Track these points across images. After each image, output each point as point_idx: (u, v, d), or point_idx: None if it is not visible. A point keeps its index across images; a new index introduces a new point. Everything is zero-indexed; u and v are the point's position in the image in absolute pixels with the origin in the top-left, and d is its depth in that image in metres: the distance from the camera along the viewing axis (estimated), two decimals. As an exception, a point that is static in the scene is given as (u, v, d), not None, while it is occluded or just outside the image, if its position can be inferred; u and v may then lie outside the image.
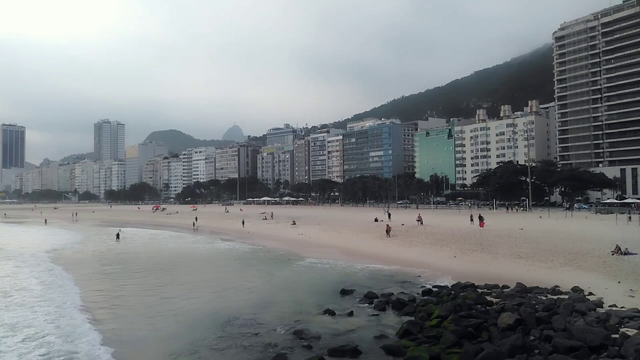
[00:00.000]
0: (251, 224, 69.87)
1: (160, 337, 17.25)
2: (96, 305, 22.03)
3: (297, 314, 19.83)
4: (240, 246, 47.85)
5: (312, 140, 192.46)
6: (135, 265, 35.63)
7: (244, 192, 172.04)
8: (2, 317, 20.09)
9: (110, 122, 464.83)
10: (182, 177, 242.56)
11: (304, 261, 35.21)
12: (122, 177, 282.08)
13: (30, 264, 36.27)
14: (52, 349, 15.79)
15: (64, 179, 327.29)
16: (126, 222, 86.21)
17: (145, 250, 46.45)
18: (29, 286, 27.01)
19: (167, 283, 27.99)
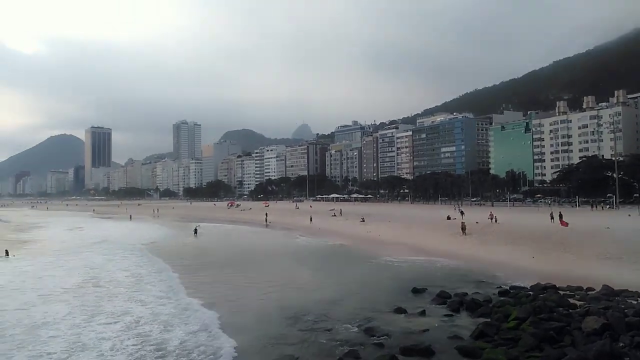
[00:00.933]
0: (320, 220, 70.58)
1: (236, 329, 17.96)
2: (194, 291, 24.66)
3: (368, 311, 19.83)
4: (310, 242, 48.58)
5: (381, 137, 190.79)
6: (211, 259, 37.32)
7: (313, 189, 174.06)
8: (136, 295, 24.07)
9: (187, 123, 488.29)
10: (254, 175, 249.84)
11: (374, 258, 35.09)
12: (199, 175, 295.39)
13: (136, 255, 40.07)
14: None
15: (146, 177, 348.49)
16: (203, 218, 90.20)
17: (221, 244, 48.50)
18: (144, 273, 31.10)
19: (240, 276, 29.04)
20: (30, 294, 24.59)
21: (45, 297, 23.63)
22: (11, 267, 33.63)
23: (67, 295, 24.11)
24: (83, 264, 35.04)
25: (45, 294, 24.49)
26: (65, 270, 32.31)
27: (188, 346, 16.00)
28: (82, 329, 17.96)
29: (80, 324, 18.76)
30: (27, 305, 21.95)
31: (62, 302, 22.67)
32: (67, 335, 17.31)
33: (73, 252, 43.10)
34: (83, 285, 26.79)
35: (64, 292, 25.04)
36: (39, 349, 15.81)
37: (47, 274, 30.89)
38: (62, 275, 30.22)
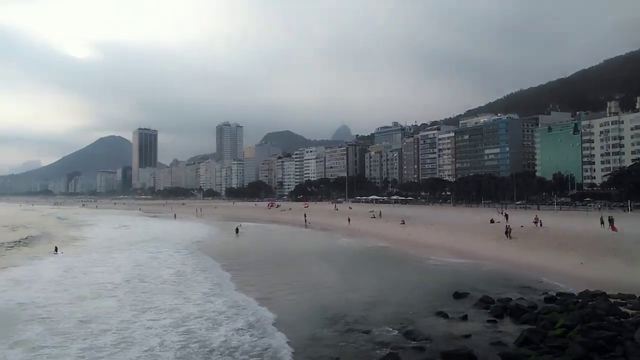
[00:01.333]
0: (360, 222, 70.42)
1: (283, 327, 18.21)
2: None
3: (408, 314, 19.66)
4: (350, 243, 48.53)
5: (422, 138, 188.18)
6: (253, 258, 37.92)
7: (352, 191, 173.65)
8: (186, 291, 25.24)
9: (230, 125, 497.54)
10: (294, 176, 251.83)
11: (415, 261, 34.73)
12: (240, 176, 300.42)
13: (183, 253, 41.46)
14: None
15: (190, 177, 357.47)
16: (244, 218, 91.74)
17: (262, 244, 49.15)
18: (192, 269, 32.49)
19: (280, 275, 29.39)
20: (81, 288, 25.70)
21: (96, 292, 24.70)
22: (61, 263, 35.14)
23: (117, 291, 25.13)
24: (132, 261, 36.43)
25: (95, 289, 25.60)
26: (115, 267, 33.62)
27: (241, 340, 16.56)
28: (131, 324, 18.65)
29: (130, 319, 19.49)
30: (78, 300, 22.96)
31: (112, 297, 23.67)
32: (116, 329, 18.00)
33: (122, 249, 44.93)
34: (132, 281, 27.88)
35: (114, 287, 26.11)
36: (90, 343, 16.50)
37: (96, 269, 32.24)
38: (112, 271, 31.48)
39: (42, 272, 31.07)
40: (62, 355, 15.24)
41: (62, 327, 18.30)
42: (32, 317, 19.56)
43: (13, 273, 30.60)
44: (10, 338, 16.86)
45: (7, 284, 27.00)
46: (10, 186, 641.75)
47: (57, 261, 36.25)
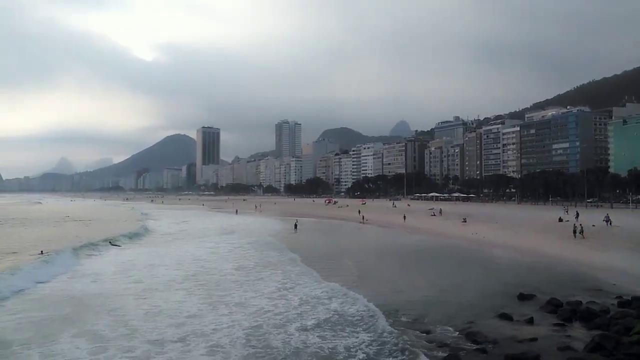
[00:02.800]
0: (419, 219, 69.32)
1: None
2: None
3: (469, 315, 19.10)
4: (409, 240, 47.87)
5: (485, 133, 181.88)
6: (310, 253, 38.21)
7: (411, 188, 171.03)
8: (259, 284, 25.83)
9: (288, 122, 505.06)
10: (351, 172, 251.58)
11: (477, 260, 33.72)
12: (299, 172, 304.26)
13: (254, 245, 42.99)
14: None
15: (251, 174, 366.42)
16: (302, 214, 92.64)
17: (320, 239, 49.45)
18: (270, 262, 33.60)
19: (338, 272, 29.44)
20: (148, 281, 26.66)
21: (166, 285, 25.57)
22: (129, 255, 36.79)
23: (187, 283, 25.83)
24: (202, 253, 37.81)
25: (164, 281, 26.58)
26: (185, 259, 34.93)
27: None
28: (201, 318, 18.98)
29: (199, 312, 19.76)
30: (146, 293, 23.57)
31: (182, 290, 24.32)
32: (185, 323, 18.28)
33: (193, 241, 46.77)
34: (200, 274, 28.82)
35: (183, 279, 26.97)
36: (157, 336, 16.87)
37: (164, 262, 33.59)
38: (182, 263, 32.66)
39: (121, 262, 32.92)
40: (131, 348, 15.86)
41: (129, 320, 18.90)
42: (102, 308, 20.47)
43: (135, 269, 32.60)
44: (79, 328, 17.67)
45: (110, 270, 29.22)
46: (86, 183, 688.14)
47: (125, 254, 38.02)
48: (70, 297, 22.51)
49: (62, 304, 20.98)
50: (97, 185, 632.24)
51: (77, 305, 21.01)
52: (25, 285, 24.15)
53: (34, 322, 18.22)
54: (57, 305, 20.79)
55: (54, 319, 18.78)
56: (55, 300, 21.82)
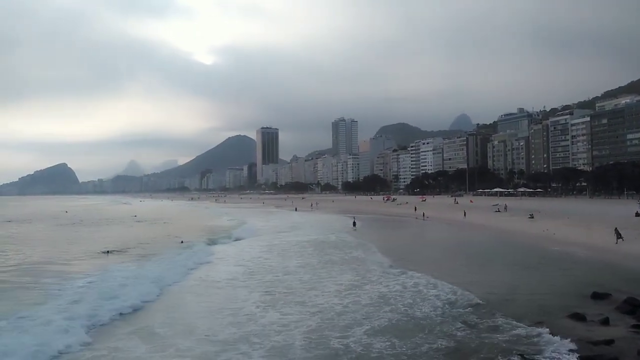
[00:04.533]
0: (483, 216, 67.26)
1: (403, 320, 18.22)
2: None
3: (539, 314, 18.35)
4: (472, 237, 46.65)
5: (552, 124, 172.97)
6: (372, 249, 38.08)
7: (474, 183, 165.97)
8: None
9: (345, 120, 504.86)
10: (410, 169, 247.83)
11: (547, 258, 32.28)
12: (356, 170, 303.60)
13: (331, 245, 42.61)
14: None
15: (308, 172, 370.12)
16: (361, 211, 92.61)
17: (380, 237, 49.07)
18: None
19: (400, 269, 29.15)
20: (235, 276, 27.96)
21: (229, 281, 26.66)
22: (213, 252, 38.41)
23: (251, 281, 26.76)
24: (266, 251, 38.71)
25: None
26: (273, 254, 36.30)
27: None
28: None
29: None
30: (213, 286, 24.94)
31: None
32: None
33: (266, 237, 48.12)
34: (263, 271, 29.61)
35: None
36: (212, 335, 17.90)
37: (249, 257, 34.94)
38: (277, 259, 34.11)
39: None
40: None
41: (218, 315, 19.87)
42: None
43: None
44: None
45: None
46: (153, 184, 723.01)
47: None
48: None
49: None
50: (164, 186, 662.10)
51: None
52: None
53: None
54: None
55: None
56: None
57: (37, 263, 32.46)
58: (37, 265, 31.25)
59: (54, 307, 19.62)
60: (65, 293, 22.31)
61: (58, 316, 18.00)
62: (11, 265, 31.40)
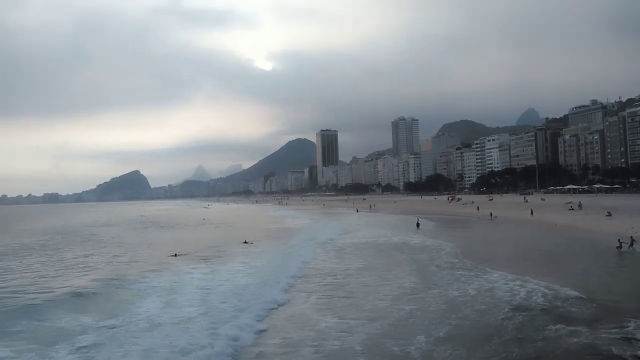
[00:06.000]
0: (555, 214, 64.02)
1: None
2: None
3: (624, 316, 17.12)
4: (546, 238, 44.44)
5: (629, 116, 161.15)
6: (437, 251, 37.20)
7: (544, 181, 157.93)
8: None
9: (405, 119, 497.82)
10: (475, 167, 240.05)
11: (627, 259, 30.12)
12: (418, 170, 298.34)
13: (396, 247, 42.27)
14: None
15: (369, 173, 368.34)
16: (423, 212, 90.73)
17: (445, 238, 47.72)
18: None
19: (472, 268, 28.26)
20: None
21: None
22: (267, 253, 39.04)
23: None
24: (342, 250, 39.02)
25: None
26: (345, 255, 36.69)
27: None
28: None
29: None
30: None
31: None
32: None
33: (327, 238, 48.56)
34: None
35: (345, 276, 27.98)
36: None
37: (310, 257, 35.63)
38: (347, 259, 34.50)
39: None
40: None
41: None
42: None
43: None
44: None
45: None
46: (220, 188, 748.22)
47: (256, 251, 40.56)
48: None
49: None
50: (229, 189, 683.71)
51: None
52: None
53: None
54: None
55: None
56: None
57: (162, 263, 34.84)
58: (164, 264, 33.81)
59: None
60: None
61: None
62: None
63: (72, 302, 22.01)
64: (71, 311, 20.11)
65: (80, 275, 30.81)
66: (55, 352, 14.73)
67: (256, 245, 44.63)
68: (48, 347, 15.10)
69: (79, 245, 50.96)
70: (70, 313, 19.78)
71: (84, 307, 20.87)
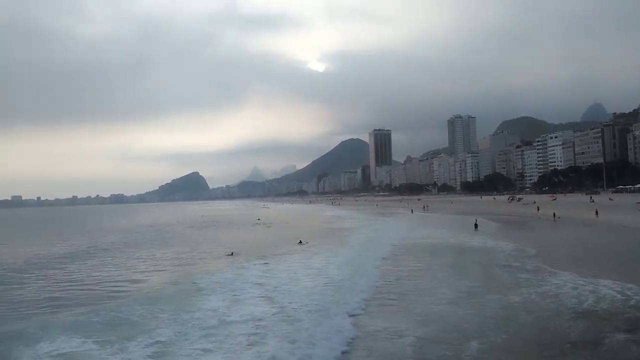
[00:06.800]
0: (625, 215, 60.54)
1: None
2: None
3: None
4: (615, 239, 42.33)
5: None
6: (496, 252, 36.38)
7: (612, 179, 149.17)
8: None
9: (462, 117, 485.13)
10: (536, 166, 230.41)
11: None
12: (475, 169, 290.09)
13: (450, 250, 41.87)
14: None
15: (424, 173, 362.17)
16: (481, 212, 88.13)
17: (505, 238, 46.46)
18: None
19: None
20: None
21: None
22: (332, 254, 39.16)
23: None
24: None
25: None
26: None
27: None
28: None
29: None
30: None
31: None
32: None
33: (381, 239, 48.52)
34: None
35: (398, 278, 27.72)
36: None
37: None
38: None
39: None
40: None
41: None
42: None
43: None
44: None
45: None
46: (274, 188, 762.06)
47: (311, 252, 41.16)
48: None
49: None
50: (283, 190, 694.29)
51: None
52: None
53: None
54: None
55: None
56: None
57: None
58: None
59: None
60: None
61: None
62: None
63: (146, 297, 23.59)
64: (145, 305, 21.49)
65: (151, 271, 32.99)
66: (135, 345, 15.80)
67: (310, 245, 45.16)
68: (127, 340, 16.16)
69: (148, 243, 54.13)
70: (144, 306, 21.13)
71: (157, 303, 22.13)
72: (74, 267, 36.48)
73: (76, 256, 43.63)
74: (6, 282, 30.29)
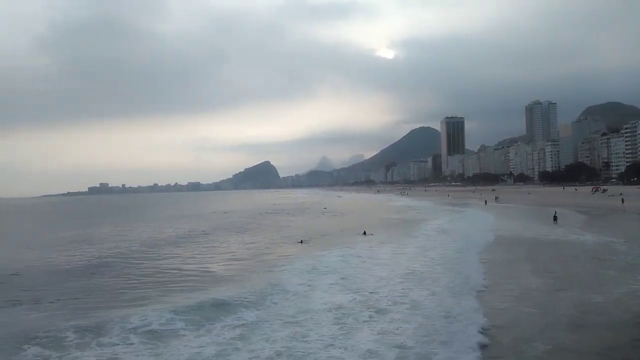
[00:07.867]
0: None
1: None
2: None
3: None
4: None
5: None
6: (577, 246, 34.84)
7: None
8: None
9: (541, 103, 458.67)
10: (624, 155, 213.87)
11: None
12: (555, 158, 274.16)
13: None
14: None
15: (499, 162, 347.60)
16: (561, 204, 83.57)
17: (587, 231, 44.14)
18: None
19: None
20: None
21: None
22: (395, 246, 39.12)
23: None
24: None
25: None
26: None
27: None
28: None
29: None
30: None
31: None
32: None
33: (451, 233, 47.08)
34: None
35: (458, 272, 27.72)
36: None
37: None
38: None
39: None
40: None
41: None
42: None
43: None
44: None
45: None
46: (342, 177, 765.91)
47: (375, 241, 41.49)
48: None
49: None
50: (351, 179, 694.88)
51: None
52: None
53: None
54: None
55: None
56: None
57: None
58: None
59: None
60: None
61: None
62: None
63: (229, 280, 25.38)
64: (230, 287, 23.07)
65: (229, 257, 35.23)
66: (221, 324, 17.10)
67: (376, 236, 44.70)
68: (212, 321, 17.45)
69: (224, 231, 57.17)
70: (229, 289, 22.64)
71: (240, 285, 23.64)
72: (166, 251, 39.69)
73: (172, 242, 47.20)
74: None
